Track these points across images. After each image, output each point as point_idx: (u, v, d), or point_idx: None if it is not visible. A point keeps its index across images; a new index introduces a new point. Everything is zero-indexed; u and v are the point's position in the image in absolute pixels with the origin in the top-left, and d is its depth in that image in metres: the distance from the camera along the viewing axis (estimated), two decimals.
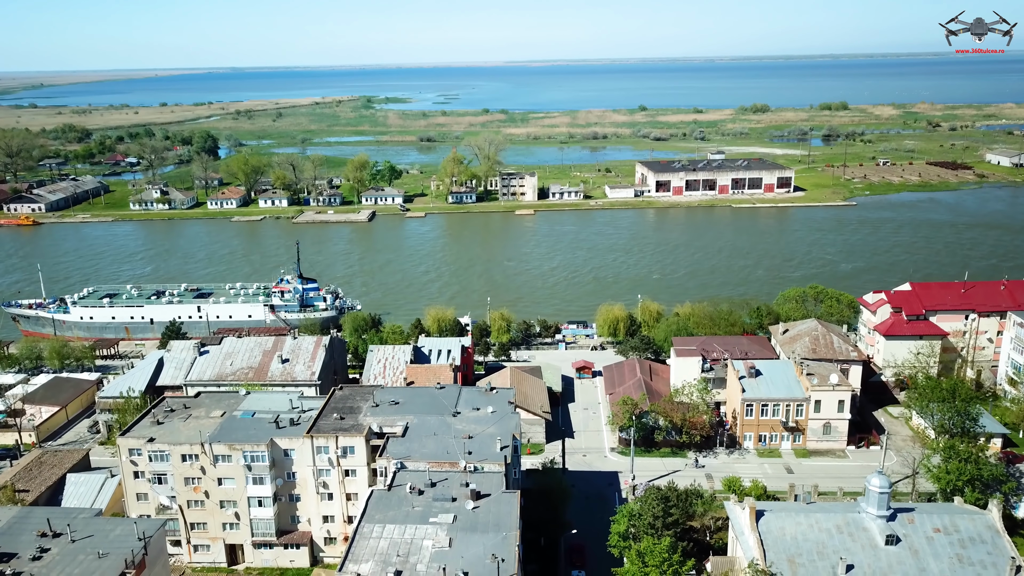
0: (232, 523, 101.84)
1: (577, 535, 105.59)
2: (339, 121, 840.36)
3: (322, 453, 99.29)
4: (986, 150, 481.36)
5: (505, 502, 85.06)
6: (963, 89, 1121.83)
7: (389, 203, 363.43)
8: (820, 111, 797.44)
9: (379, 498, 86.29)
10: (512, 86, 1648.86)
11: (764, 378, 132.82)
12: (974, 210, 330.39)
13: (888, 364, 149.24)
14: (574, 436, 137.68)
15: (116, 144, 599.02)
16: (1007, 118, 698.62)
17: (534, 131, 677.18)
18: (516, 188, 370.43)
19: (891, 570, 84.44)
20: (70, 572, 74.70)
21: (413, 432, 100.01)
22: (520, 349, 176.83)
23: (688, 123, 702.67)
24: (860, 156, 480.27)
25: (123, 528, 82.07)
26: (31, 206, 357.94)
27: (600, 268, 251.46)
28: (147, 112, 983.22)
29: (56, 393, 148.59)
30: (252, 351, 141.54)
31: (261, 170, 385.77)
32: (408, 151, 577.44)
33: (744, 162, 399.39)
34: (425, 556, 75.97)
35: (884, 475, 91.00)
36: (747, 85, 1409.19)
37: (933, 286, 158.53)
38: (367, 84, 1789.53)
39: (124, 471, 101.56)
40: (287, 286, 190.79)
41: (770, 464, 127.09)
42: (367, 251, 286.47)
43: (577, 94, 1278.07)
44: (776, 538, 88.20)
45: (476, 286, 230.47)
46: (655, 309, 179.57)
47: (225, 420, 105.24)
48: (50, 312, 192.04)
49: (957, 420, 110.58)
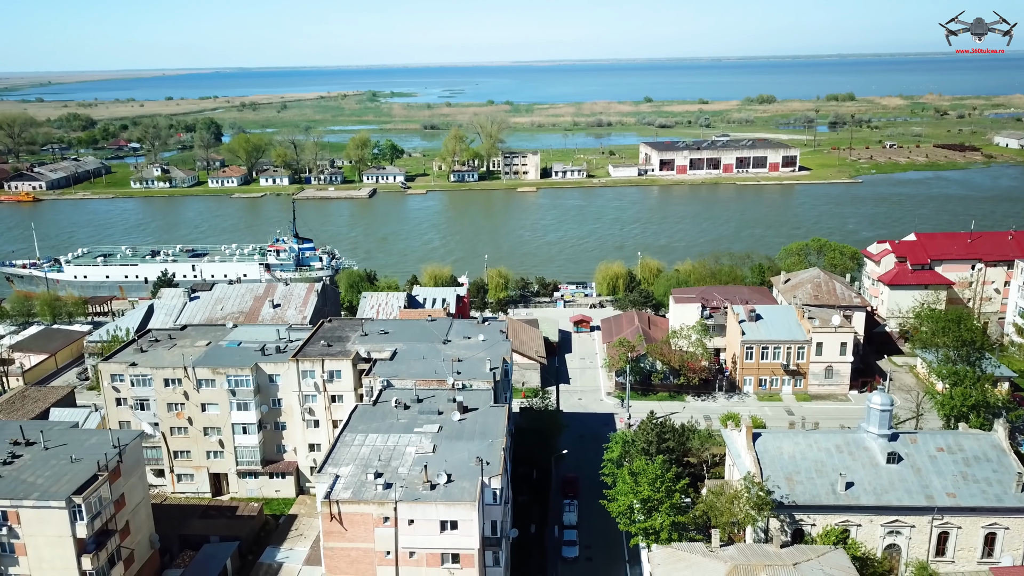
0: (216, 451, 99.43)
1: (571, 468, 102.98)
2: (344, 112, 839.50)
3: (308, 378, 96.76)
4: (994, 134, 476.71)
5: (493, 414, 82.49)
6: (971, 83, 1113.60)
7: (390, 181, 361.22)
8: (827, 102, 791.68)
9: (363, 412, 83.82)
10: (517, 82, 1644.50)
11: (764, 322, 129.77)
12: (984, 186, 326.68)
13: (892, 314, 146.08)
14: (570, 382, 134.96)
15: (120, 131, 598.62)
16: (1016, 107, 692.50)
17: (539, 120, 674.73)
18: (519, 167, 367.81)
19: (893, 487, 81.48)
20: (41, 474, 72.42)
21: (402, 357, 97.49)
22: (518, 307, 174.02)
23: (693, 112, 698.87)
24: (867, 140, 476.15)
25: (98, 438, 79.74)
26: (32, 184, 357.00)
27: (604, 236, 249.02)
28: (152, 105, 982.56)
29: (46, 342, 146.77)
30: (243, 296, 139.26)
31: (263, 149, 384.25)
32: (412, 138, 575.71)
33: (749, 141, 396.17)
34: (408, 460, 73.41)
35: (885, 393, 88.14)
36: (753, 80, 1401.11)
37: (939, 236, 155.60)
38: (373, 81, 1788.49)
39: (106, 397, 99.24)
40: (283, 245, 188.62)
41: (771, 407, 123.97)
42: (368, 224, 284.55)
43: (582, 88, 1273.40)
44: (773, 456, 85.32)
45: (477, 251, 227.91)
46: (655, 266, 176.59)
47: (210, 348, 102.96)
48: (44, 271, 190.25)
49: (963, 351, 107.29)
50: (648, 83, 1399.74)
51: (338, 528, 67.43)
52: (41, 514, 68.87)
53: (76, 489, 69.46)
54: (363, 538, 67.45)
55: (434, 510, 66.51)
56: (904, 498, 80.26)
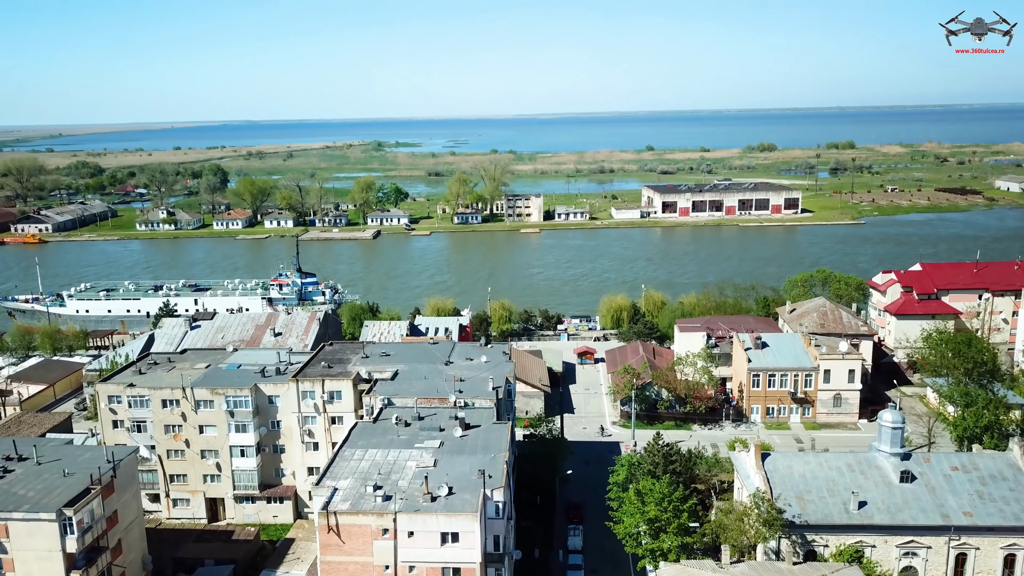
0: (213, 475, 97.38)
1: (575, 494, 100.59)
2: (349, 161, 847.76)
3: (308, 398, 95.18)
4: (995, 178, 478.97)
5: (495, 431, 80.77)
6: (970, 132, 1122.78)
7: (395, 223, 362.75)
8: (827, 150, 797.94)
9: (363, 428, 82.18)
10: (521, 133, 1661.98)
11: (771, 349, 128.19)
12: (990, 226, 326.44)
13: (900, 344, 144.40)
14: (574, 411, 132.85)
15: (128, 178, 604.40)
16: (1016, 153, 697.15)
17: (541, 167, 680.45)
18: (522, 209, 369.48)
19: (907, 506, 79.19)
20: (33, 487, 70.63)
21: (403, 377, 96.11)
22: (521, 339, 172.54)
23: (695, 159, 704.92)
24: (868, 184, 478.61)
25: (93, 453, 78.16)
26: (38, 226, 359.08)
27: (607, 273, 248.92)
28: (161, 155, 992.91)
29: (44, 372, 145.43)
30: (244, 325, 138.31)
31: (268, 192, 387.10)
32: (416, 184, 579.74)
33: (751, 184, 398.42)
34: (408, 474, 71.54)
35: (896, 411, 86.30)
36: (754, 130, 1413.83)
37: (944, 266, 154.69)
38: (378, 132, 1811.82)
39: (102, 420, 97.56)
40: (285, 279, 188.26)
41: (779, 435, 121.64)
42: (372, 262, 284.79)
43: (585, 138, 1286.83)
44: (783, 475, 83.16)
45: (481, 288, 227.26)
46: (659, 299, 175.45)
47: (210, 370, 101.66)
48: (46, 306, 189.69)
49: (974, 374, 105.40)
50: (650, 133, 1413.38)
51: (336, 541, 65.35)
52: (30, 527, 66.93)
53: (67, 502, 67.67)
54: (361, 551, 65.31)
55: (435, 521, 64.51)
56: (919, 517, 77.93)
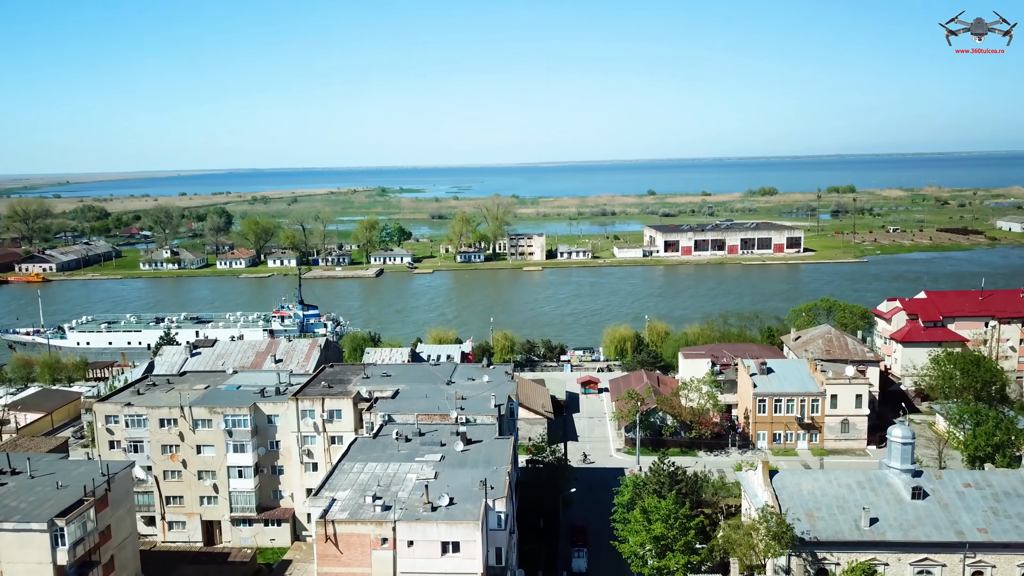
0: (210, 496, 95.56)
1: (580, 516, 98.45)
2: (353, 205, 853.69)
3: (307, 417, 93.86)
4: (996, 219, 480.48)
5: (498, 445, 79.33)
6: (969, 177, 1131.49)
7: (397, 263, 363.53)
8: (828, 194, 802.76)
9: (363, 443, 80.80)
10: (523, 180, 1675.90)
11: (776, 375, 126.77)
12: (993, 263, 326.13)
13: (907, 372, 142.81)
14: (578, 439, 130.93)
15: (133, 221, 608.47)
16: (1015, 197, 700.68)
17: (544, 210, 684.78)
18: (524, 248, 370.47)
19: (920, 522, 77.27)
20: (24, 499, 69.14)
21: (404, 395, 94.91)
22: (524, 370, 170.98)
23: (697, 203, 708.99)
24: (869, 226, 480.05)
25: (87, 467, 76.76)
26: (42, 265, 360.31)
27: (610, 306, 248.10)
28: (166, 200, 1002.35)
29: (42, 401, 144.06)
30: (245, 352, 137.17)
31: (272, 232, 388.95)
32: (420, 226, 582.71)
33: (753, 224, 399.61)
34: (408, 486, 70.01)
35: (906, 426, 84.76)
36: (755, 176, 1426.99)
37: (949, 294, 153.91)
38: (382, 179, 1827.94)
39: (99, 440, 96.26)
40: (287, 311, 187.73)
41: (786, 461, 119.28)
42: (374, 298, 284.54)
43: (587, 184, 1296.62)
44: (792, 493, 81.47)
45: (483, 321, 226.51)
46: (663, 329, 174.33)
47: (209, 391, 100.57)
48: (47, 338, 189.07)
49: (984, 394, 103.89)
50: (652, 179, 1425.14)
51: (333, 551, 63.61)
52: (21, 538, 65.27)
53: (59, 512, 66.14)
54: (359, 562, 63.50)
55: (435, 530, 62.86)
56: (933, 534, 75.96)
